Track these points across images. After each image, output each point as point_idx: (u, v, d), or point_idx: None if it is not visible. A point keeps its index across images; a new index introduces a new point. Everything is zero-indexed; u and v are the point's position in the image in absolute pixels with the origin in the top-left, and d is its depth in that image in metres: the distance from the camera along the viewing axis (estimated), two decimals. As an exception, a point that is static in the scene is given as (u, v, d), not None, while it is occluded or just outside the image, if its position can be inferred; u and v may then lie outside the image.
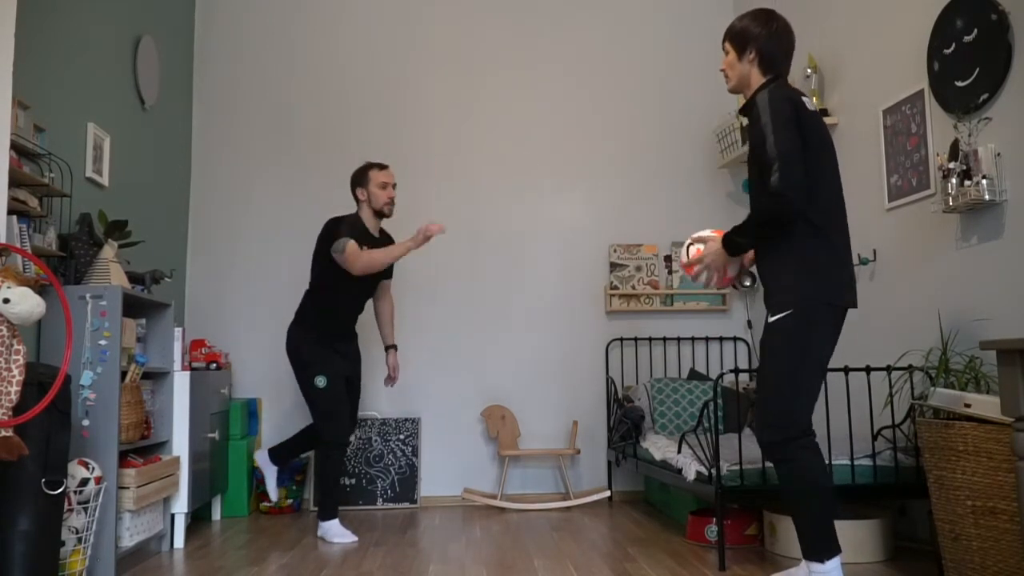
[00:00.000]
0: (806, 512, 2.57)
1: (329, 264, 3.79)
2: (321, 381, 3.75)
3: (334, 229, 3.77)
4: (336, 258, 3.72)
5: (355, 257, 3.67)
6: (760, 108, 2.63)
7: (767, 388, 2.64)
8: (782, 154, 2.53)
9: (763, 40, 2.70)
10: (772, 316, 2.65)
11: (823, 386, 2.75)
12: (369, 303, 4.19)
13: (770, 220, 2.61)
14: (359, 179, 3.91)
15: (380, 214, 3.91)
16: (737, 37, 2.75)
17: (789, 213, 2.56)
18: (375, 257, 3.70)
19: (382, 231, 4.01)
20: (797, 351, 2.58)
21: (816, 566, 2.55)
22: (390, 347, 4.16)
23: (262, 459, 4.12)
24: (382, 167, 3.92)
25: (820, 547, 2.55)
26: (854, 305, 2.66)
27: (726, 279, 2.84)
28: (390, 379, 4.17)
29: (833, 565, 2.54)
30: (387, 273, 4.08)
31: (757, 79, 2.74)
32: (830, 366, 2.82)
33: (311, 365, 3.78)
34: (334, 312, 3.86)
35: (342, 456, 3.80)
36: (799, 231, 2.61)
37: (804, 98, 2.67)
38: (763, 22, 2.72)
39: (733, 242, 2.71)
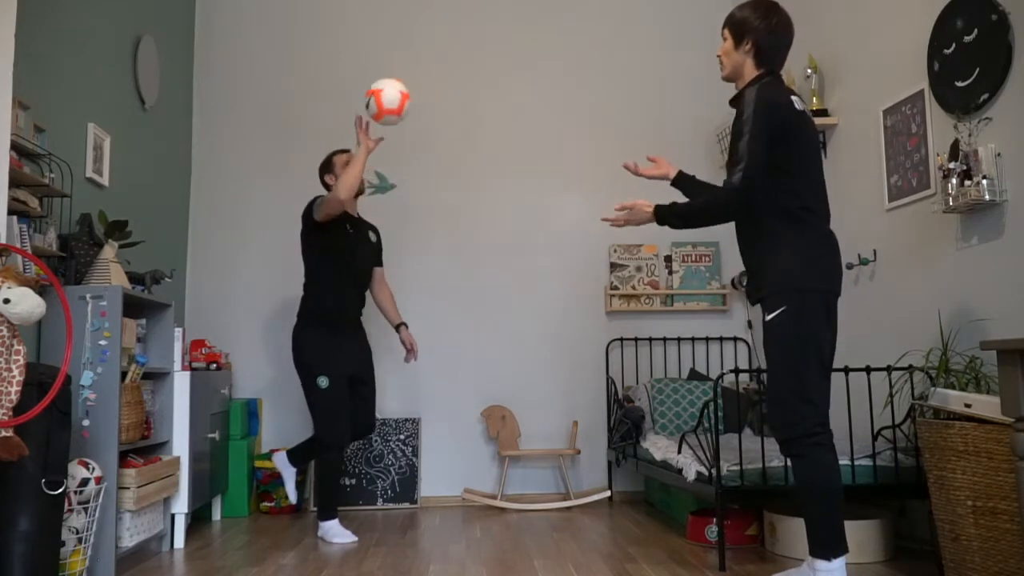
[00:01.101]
0: (816, 509, 2.57)
1: (317, 253, 3.84)
2: (323, 382, 3.75)
3: (310, 206, 3.83)
4: (320, 215, 3.75)
5: (331, 195, 3.70)
6: (746, 104, 2.67)
7: (774, 386, 2.65)
8: (752, 159, 2.61)
9: (762, 33, 2.71)
10: (768, 315, 2.66)
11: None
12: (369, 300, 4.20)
13: (722, 212, 2.73)
14: (326, 167, 3.98)
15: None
16: (736, 26, 2.75)
17: (740, 211, 2.72)
18: (345, 177, 3.67)
19: (360, 216, 4.05)
20: (798, 346, 2.60)
21: (822, 564, 2.55)
22: (399, 325, 4.14)
23: (280, 461, 4.12)
24: (344, 151, 3.99)
25: (828, 545, 2.55)
26: (839, 292, 2.70)
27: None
28: (410, 354, 4.14)
29: (839, 564, 2.55)
30: (378, 260, 4.12)
31: (751, 71, 2.76)
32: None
33: (313, 365, 3.78)
34: (331, 303, 3.86)
35: (339, 456, 3.80)
36: (786, 224, 2.65)
37: (793, 97, 2.70)
38: (763, 15, 2.72)
39: (666, 219, 2.80)
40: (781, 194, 2.66)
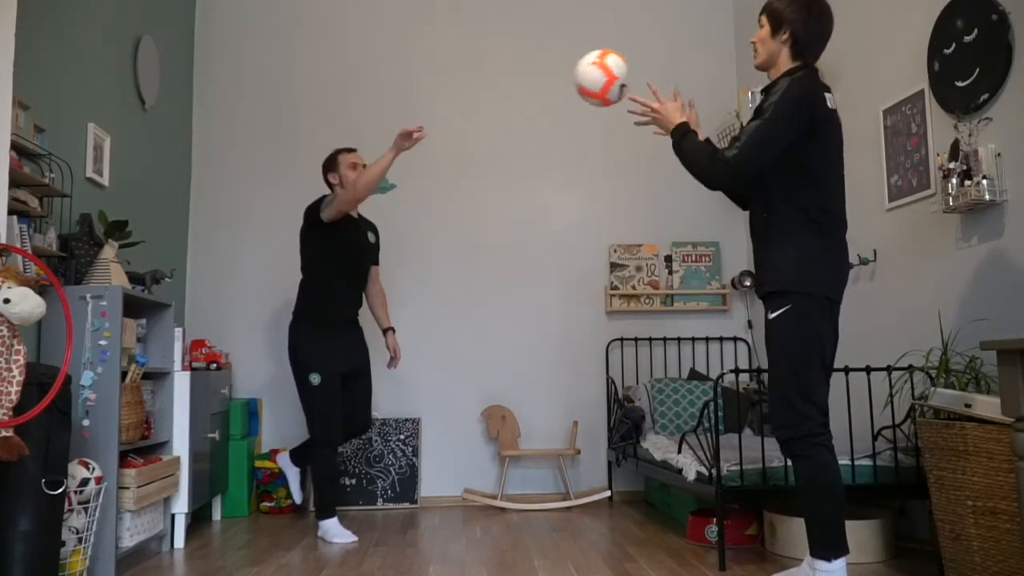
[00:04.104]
0: (818, 509, 2.57)
1: (316, 251, 3.85)
2: (315, 379, 3.75)
3: (314, 205, 3.83)
4: (330, 214, 3.74)
5: (348, 190, 3.69)
6: (776, 91, 2.61)
7: (775, 386, 2.64)
8: (756, 141, 2.57)
9: (800, 23, 2.63)
10: (771, 313, 2.66)
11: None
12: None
13: (705, 175, 2.67)
14: (329, 165, 3.96)
15: None
16: (774, 14, 2.67)
17: (721, 185, 2.71)
18: (367, 174, 3.66)
19: (360, 215, 4.06)
20: (800, 346, 2.59)
21: (822, 564, 2.55)
22: (387, 330, 4.15)
23: (284, 461, 4.14)
24: (350, 150, 3.98)
25: (829, 545, 2.55)
26: (840, 299, 2.69)
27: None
28: (393, 361, 4.16)
29: (839, 565, 2.54)
30: (374, 259, 4.12)
31: (786, 61, 2.69)
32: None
33: (306, 362, 3.78)
34: (327, 302, 3.86)
35: (334, 454, 3.81)
36: (799, 223, 2.62)
37: (827, 94, 2.65)
38: (804, 3, 2.64)
39: (676, 140, 2.75)
40: (798, 191, 2.63)
